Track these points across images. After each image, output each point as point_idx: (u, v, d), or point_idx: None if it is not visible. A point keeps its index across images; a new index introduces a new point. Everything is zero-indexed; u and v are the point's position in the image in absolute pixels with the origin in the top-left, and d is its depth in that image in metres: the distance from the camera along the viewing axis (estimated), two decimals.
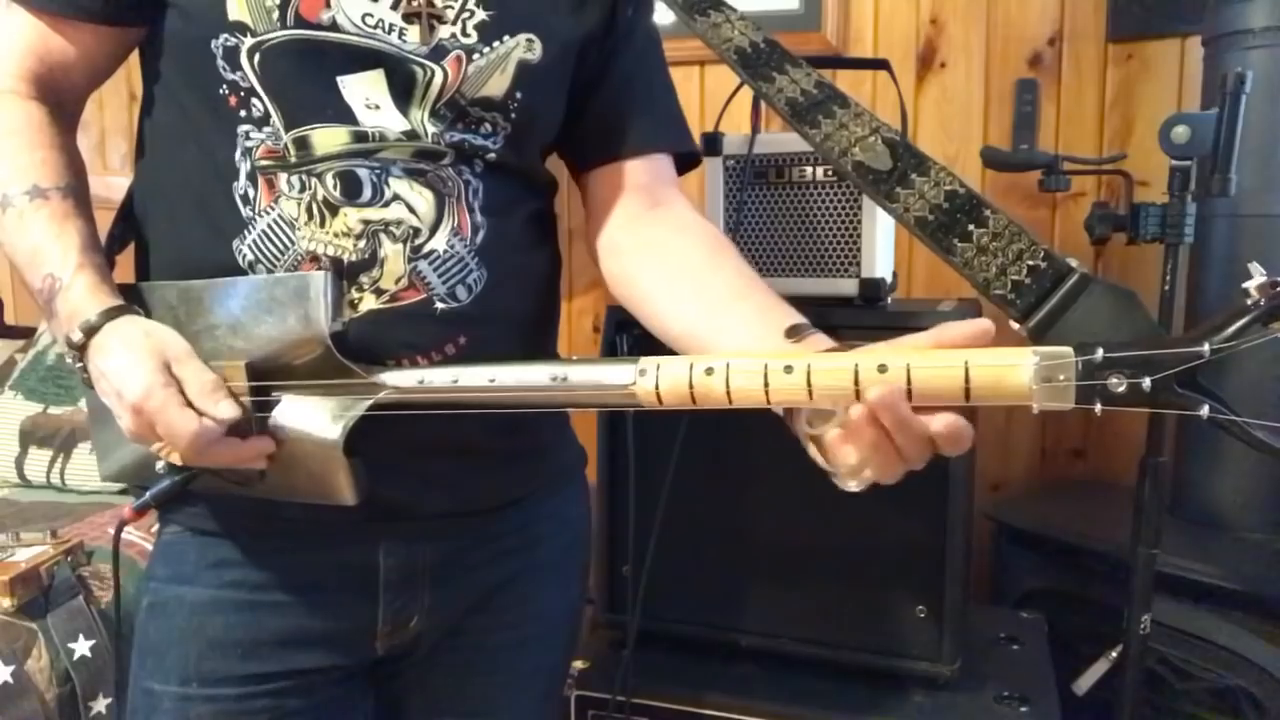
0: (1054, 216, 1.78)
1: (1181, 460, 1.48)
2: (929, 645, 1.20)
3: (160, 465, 0.78)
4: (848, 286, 1.24)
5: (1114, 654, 1.20)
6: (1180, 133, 1.09)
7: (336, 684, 0.84)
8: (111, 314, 0.72)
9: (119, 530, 0.81)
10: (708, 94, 1.87)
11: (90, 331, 0.72)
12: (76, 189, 0.77)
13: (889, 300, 1.28)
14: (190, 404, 0.69)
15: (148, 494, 0.76)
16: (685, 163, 0.95)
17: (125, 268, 0.82)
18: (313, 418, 0.74)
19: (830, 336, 0.75)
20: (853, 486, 0.64)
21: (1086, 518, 1.56)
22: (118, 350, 0.71)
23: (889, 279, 1.27)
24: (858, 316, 1.23)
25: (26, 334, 2.15)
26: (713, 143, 1.29)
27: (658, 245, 0.85)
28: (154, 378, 0.69)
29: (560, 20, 0.81)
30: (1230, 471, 1.45)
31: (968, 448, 0.60)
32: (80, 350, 0.73)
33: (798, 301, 1.30)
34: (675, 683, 1.26)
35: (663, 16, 0.88)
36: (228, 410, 0.70)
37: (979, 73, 1.79)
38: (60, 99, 0.80)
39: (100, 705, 1.33)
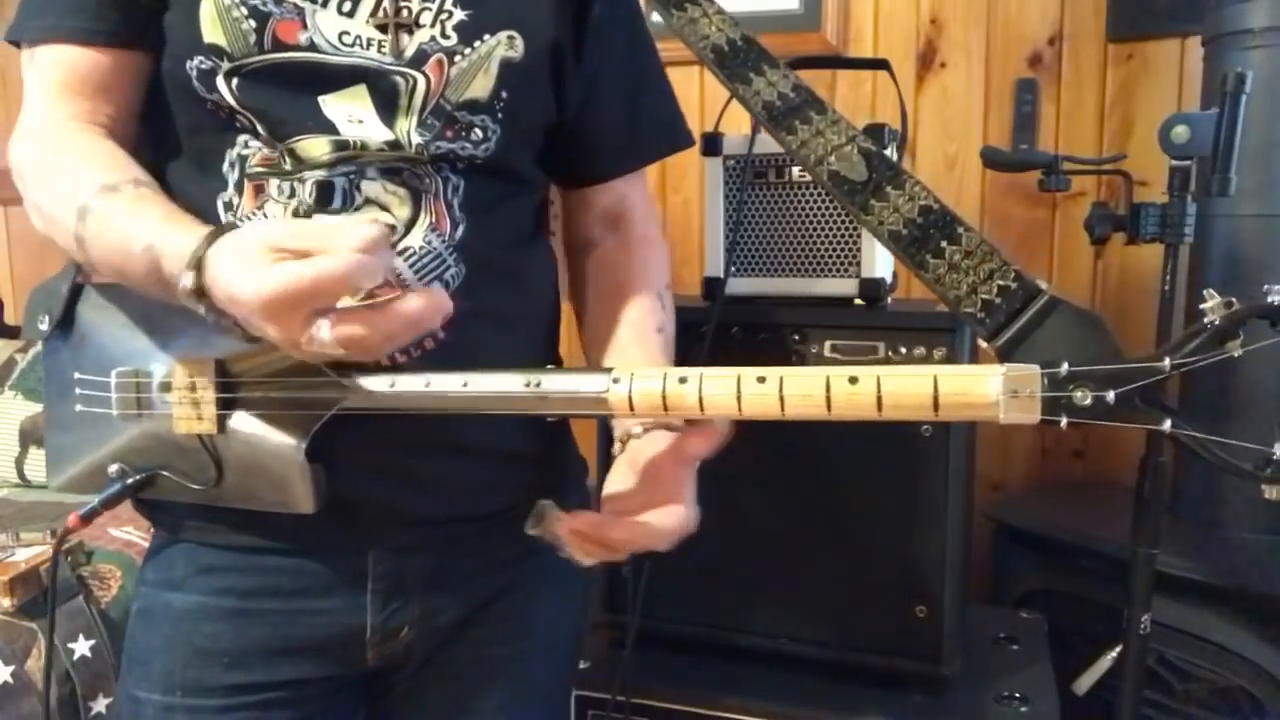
0: (1054, 216, 1.79)
1: (1181, 460, 1.48)
2: (929, 645, 1.20)
3: (113, 469, 0.77)
4: (848, 286, 1.24)
5: (1114, 654, 1.20)
6: (1180, 133, 1.09)
7: (325, 697, 0.83)
8: (211, 236, 0.64)
9: (61, 538, 0.81)
10: (708, 94, 1.87)
11: (197, 264, 0.64)
12: (147, 182, 0.73)
13: (889, 300, 1.28)
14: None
15: (96, 500, 0.76)
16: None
17: None
18: (277, 420, 0.73)
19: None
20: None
21: (1086, 518, 1.56)
22: (228, 261, 0.62)
23: (889, 279, 1.27)
24: (858, 316, 1.23)
25: None
26: (713, 143, 1.29)
27: (593, 280, 0.93)
28: (276, 239, 0.60)
29: (540, 17, 0.80)
30: None
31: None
32: (199, 293, 0.64)
33: (798, 301, 1.31)
34: (675, 683, 1.26)
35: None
36: (363, 231, 0.59)
37: (979, 73, 1.79)
38: (103, 123, 0.77)
39: (100, 705, 1.33)
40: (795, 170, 1.25)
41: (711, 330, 1.22)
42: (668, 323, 0.90)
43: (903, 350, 1.18)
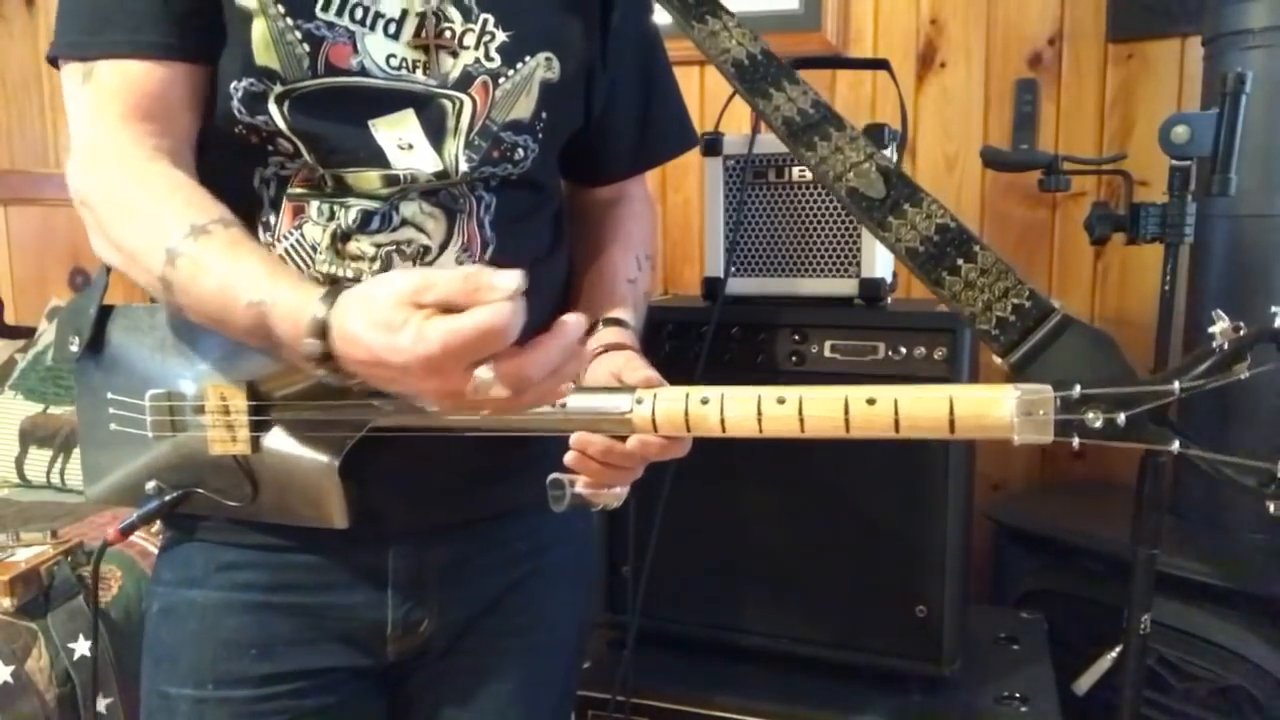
0: (1054, 216, 1.79)
1: (1182, 460, 1.48)
2: (929, 645, 1.20)
3: (150, 486, 0.78)
4: (848, 286, 1.24)
5: (1114, 654, 1.20)
6: (1180, 133, 1.09)
7: (354, 681, 0.84)
8: (330, 297, 0.62)
9: (100, 552, 0.82)
10: (708, 94, 1.87)
11: (321, 331, 0.61)
12: (234, 221, 0.70)
13: (889, 300, 1.28)
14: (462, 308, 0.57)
15: (135, 515, 0.77)
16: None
17: (124, 286, 0.80)
18: (309, 439, 0.74)
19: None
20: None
21: (1086, 518, 1.56)
22: (358, 323, 0.59)
23: (889, 279, 1.27)
24: (858, 316, 1.23)
25: (26, 334, 2.15)
26: (713, 143, 1.29)
27: (576, 241, 0.94)
28: (412, 293, 0.57)
29: (574, 37, 0.82)
30: None
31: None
32: (328, 359, 0.62)
33: (798, 301, 1.31)
34: (675, 683, 1.26)
35: (663, 16, 0.88)
36: (506, 280, 0.56)
37: (979, 73, 1.79)
38: (170, 148, 0.74)
39: (100, 705, 1.33)
40: (795, 170, 1.26)
41: (711, 330, 1.22)
42: (642, 280, 0.91)
43: (903, 350, 1.18)
